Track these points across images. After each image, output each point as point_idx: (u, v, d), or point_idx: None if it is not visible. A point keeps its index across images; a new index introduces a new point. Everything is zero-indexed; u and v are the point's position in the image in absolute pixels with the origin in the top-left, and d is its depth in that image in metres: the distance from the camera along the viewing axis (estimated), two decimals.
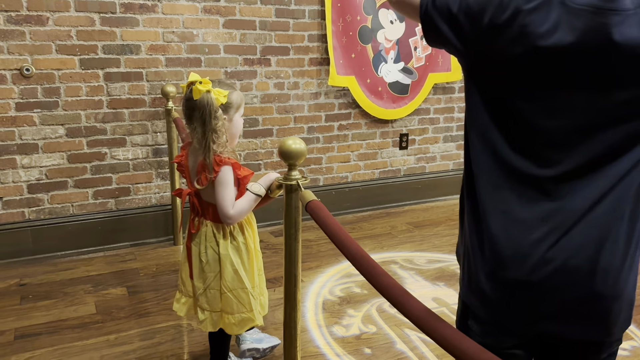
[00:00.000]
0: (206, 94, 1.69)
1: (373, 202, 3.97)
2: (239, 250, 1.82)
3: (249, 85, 3.41)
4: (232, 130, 1.79)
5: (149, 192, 3.29)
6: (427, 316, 1.05)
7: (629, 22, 0.96)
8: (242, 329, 1.87)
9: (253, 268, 1.86)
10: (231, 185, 1.76)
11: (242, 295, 1.83)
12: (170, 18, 3.12)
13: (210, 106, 1.68)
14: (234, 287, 1.81)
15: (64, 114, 2.98)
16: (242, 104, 1.82)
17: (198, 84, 1.69)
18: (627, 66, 0.97)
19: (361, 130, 3.85)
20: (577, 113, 1.02)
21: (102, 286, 2.74)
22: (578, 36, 0.97)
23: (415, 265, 3.04)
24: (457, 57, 1.16)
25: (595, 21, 0.96)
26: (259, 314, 1.89)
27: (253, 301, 1.84)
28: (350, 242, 1.32)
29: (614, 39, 0.96)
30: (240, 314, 1.84)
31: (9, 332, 2.32)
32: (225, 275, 1.80)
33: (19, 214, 3.00)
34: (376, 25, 3.63)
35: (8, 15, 2.77)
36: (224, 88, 1.74)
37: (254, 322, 1.86)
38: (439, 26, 1.12)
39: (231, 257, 1.80)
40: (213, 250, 1.80)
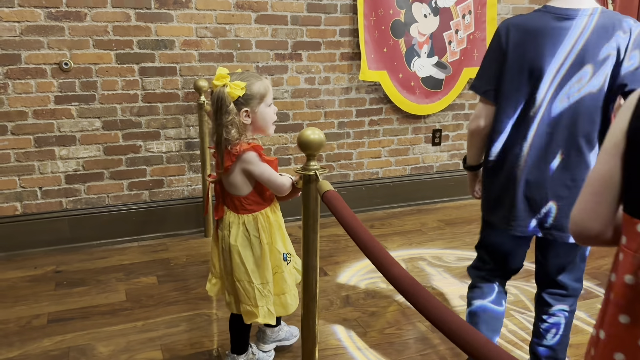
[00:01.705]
0: (221, 89, 1.68)
1: (404, 198, 3.94)
2: (251, 243, 1.81)
3: (280, 80, 3.43)
4: (260, 121, 1.76)
5: (181, 185, 3.36)
6: (435, 307, 1.03)
7: None
8: (248, 320, 1.86)
9: (266, 264, 1.82)
10: (262, 163, 1.76)
11: (248, 288, 1.82)
12: (204, 14, 3.17)
13: (221, 101, 1.67)
14: (240, 278, 1.82)
15: (101, 107, 3.08)
16: (268, 93, 1.76)
17: (216, 78, 1.69)
18: None
19: (392, 125, 3.82)
20: None
21: (133, 275, 2.81)
22: None
23: (444, 263, 2.99)
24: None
25: None
26: (267, 313, 1.84)
27: (260, 297, 1.82)
28: (364, 232, 1.32)
29: None
30: (245, 305, 1.84)
31: (43, 316, 2.41)
32: (233, 264, 1.82)
33: (57, 204, 3.11)
34: (409, 19, 3.59)
35: (49, 12, 2.87)
36: (244, 79, 1.70)
37: (256, 317, 1.83)
38: None
39: (238, 248, 1.80)
40: (228, 238, 1.83)
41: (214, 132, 1.74)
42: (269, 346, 2.10)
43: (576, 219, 1.03)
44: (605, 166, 0.99)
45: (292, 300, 1.91)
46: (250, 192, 1.81)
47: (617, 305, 0.98)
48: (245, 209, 1.81)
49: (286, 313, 1.91)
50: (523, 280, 2.73)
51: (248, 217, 1.81)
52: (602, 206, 1.00)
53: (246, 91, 1.70)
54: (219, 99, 1.67)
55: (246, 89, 1.70)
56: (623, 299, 0.97)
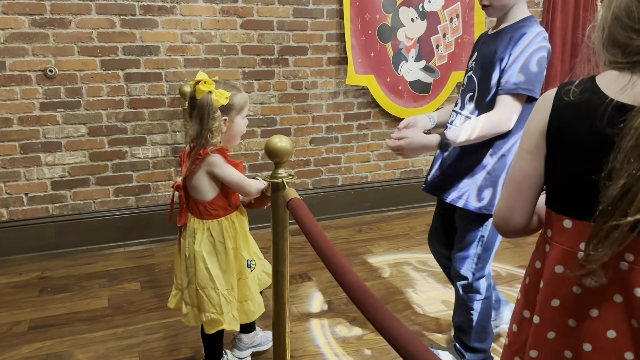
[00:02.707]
0: (207, 95, 1.72)
1: (393, 202, 3.93)
2: (216, 249, 1.82)
3: (267, 85, 3.43)
4: (233, 131, 1.82)
5: (168, 190, 3.36)
6: (383, 316, 1.03)
7: None
8: (212, 329, 1.84)
9: (231, 270, 1.82)
10: (228, 165, 1.78)
11: (213, 295, 1.81)
12: (189, 19, 3.17)
13: (209, 107, 1.72)
14: (205, 285, 1.81)
15: (86, 113, 3.09)
16: (246, 106, 1.84)
17: (202, 83, 1.72)
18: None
19: (381, 129, 3.81)
20: None
21: (117, 281, 2.82)
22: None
23: (428, 267, 2.98)
24: None
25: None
26: (232, 319, 1.84)
27: (225, 304, 1.81)
28: (324, 240, 1.31)
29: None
30: (210, 314, 1.82)
31: (24, 323, 2.41)
32: (198, 272, 1.81)
33: (43, 210, 3.12)
34: (396, 23, 3.59)
35: (33, 19, 2.88)
36: (228, 90, 1.77)
37: (222, 324, 1.82)
38: None
39: (203, 254, 1.80)
40: (192, 244, 1.82)
41: (199, 135, 1.74)
42: (245, 352, 2.09)
43: (503, 215, 1.11)
44: (530, 166, 1.06)
45: (254, 308, 1.90)
46: (215, 196, 1.81)
47: (548, 292, 1.06)
48: (210, 214, 1.81)
49: (248, 320, 1.90)
50: (507, 285, 2.72)
51: (213, 222, 1.82)
52: (527, 202, 1.08)
53: (229, 101, 1.75)
54: (207, 104, 1.71)
55: (229, 99, 1.75)
56: (553, 286, 1.05)
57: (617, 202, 0.88)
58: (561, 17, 4.03)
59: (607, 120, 0.91)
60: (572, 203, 1.00)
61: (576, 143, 0.97)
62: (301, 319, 2.45)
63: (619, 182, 0.87)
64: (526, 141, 1.06)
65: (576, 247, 1.00)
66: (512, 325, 1.17)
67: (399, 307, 2.57)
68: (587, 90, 0.97)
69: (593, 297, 0.99)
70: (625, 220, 0.87)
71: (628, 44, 0.91)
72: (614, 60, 0.94)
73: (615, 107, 0.91)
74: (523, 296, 1.15)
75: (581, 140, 0.96)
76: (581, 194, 0.98)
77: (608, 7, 0.94)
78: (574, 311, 1.01)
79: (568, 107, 0.98)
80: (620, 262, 0.95)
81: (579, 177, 0.98)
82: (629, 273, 0.94)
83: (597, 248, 0.92)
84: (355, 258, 3.12)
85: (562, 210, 1.03)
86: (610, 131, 0.90)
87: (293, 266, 2.99)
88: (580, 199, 0.99)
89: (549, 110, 1.01)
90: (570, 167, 0.99)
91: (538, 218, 1.12)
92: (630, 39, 0.91)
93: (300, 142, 3.60)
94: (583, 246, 0.97)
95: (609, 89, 0.94)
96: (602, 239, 0.91)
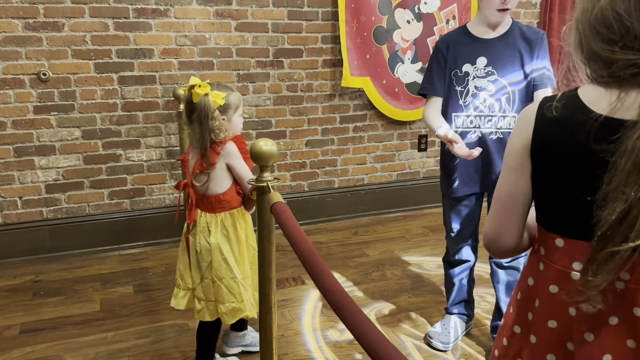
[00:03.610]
0: (204, 97, 1.80)
1: (390, 204, 3.91)
2: (229, 239, 1.88)
3: (262, 88, 3.42)
4: (232, 129, 1.89)
5: (163, 193, 3.35)
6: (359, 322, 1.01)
7: None
8: (234, 318, 1.90)
9: (244, 259, 1.90)
10: (241, 159, 1.87)
11: (232, 285, 1.87)
12: (183, 22, 3.17)
13: (207, 108, 1.79)
14: (223, 276, 1.86)
15: (80, 116, 3.08)
16: (241, 104, 1.92)
17: (197, 87, 1.79)
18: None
19: (377, 131, 3.80)
20: None
21: (110, 284, 2.81)
22: None
23: (423, 270, 2.96)
24: None
25: None
26: (251, 306, 1.91)
27: (244, 291, 1.88)
28: (305, 244, 1.30)
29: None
30: (230, 304, 1.88)
31: (16, 327, 2.41)
32: (215, 264, 1.87)
33: (37, 213, 3.12)
34: (392, 25, 3.57)
35: (26, 22, 2.89)
36: (222, 90, 1.85)
37: (244, 312, 1.89)
38: None
39: (220, 246, 1.86)
40: (205, 240, 1.88)
41: (200, 137, 1.82)
42: (233, 350, 2.12)
43: (492, 236, 1.06)
44: (514, 184, 1.01)
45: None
46: (229, 187, 1.88)
47: (545, 313, 1.02)
48: (222, 207, 1.88)
49: (257, 309, 1.92)
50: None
51: (225, 214, 1.88)
52: (516, 222, 1.03)
53: (225, 101, 1.83)
54: (205, 106, 1.79)
55: (225, 99, 1.83)
56: (549, 307, 1.01)
57: (616, 227, 0.83)
58: (558, 18, 4.01)
59: (595, 136, 0.86)
60: (563, 222, 0.97)
61: (561, 160, 0.93)
62: (293, 323, 2.44)
63: (617, 206, 0.82)
64: (510, 158, 1.01)
65: (569, 267, 0.96)
66: (503, 338, 1.14)
67: (393, 310, 2.55)
68: (569, 105, 0.92)
69: (588, 320, 0.95)
70: (626, 245, 0.83)
71: (611, 59, 0.84)
72: (598, 75, 0.88)
73: (603, 123, 0.86)
74: (515, 311, 1.11)
75: (566, 157, 0.92)
76: (572, 214, 0.94)
77: (583, 13, 0.87)
78: (571, 334, 0.98)
79: (551, 123, 0.93)
80: (616, 282, 0.91)
81: (567, 196, 0.94)
82: (626, 292, 0.91)
83: (597, 274, 0.87)
84: (350, 261, 3.11)
85: (553, 229, 0.99)
86: (598, 148, 0.85)
87: (286, 269, 2.98)
88: (571, 218, 0.95)
89: (531, 126, 0.96)
90: (556, 185, 0.95)
91: (528, 235, 1.08)
92: (614, 53, 0.83)
93: (295, 144, 3.59)
94: (576, 266, 0.95)
95: (595, 104, 0.89)
96: (602, 264, 0.86)
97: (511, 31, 1.99)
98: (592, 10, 0.85)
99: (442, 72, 2.06)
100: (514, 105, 2.00)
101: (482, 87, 2.00)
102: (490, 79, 1.99)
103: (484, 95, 2.00)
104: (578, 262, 0.95)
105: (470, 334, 2.34)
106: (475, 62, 2.00)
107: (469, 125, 2.04)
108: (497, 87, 1.99)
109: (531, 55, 1.97)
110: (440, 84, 2.07)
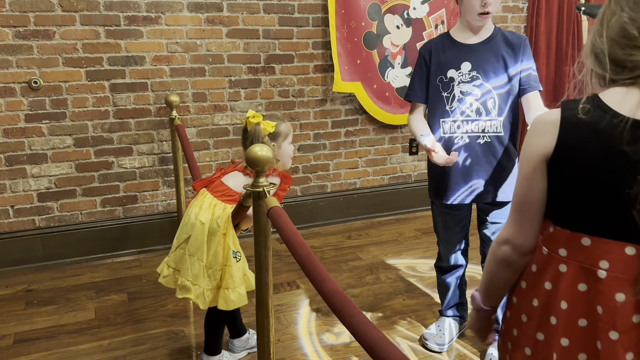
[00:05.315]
0: (256, 125, 1.97)
1: (383, 208, 3.94)
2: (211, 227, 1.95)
3: (254, 94, 3.43)
4: (283, 154, 2.07)
5: (155, 200, 3.35)
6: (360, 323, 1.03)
7: None
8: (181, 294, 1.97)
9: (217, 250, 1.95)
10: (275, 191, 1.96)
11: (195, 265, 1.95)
12: (174, 29, 3.18)
13: (258, 133, 1.97)
14: (193, 254, 1.97)
15: (72, 124, 3.08)
16: (290, 133, 2.09)
17: (251, 117, 1.98)
18: None
19: (369, 136, 3.82)
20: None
21: (104, 292, 2.80)
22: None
23: (417, 273, 2.99)
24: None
25: None
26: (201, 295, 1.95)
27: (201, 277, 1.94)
28: (303, 247, 1.31)
29: None
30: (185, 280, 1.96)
31: (9, 337, 2.39)
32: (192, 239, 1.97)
33: (29, 222, 3.10)
34: (382, 30, 3.61)
35: (17, 31, 2.88)
36: (273, 120, 2.03)
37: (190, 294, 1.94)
38: None
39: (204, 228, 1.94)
40: (195, 215, 1.97)
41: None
42: (239, 355, 2.20)
43: (513, 242, 1.12)
44: (529, 192, 1.07)
45: (235, 298, 1.95)
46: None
47: (575, 312, 1.03)
48: (227, 200, 1.97)
49: (226, 308, 1.95)
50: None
51: (221, 205, 1.95)
52: (535, 226, 1.09)
53: (275, 129, 2.00)
54: (256, 132, 1.97)
55: (275, 127, 1.99)
56: (580, 306, 1.02)
57: None
58: (545, 22, 4.07)
59: (627, 138, 0.92)
60: (591, 221, 0.99)
61: (590, 162, 0.97)
62: (289, 327, 2.45)
63: None
64: (524, 167, 1.06)
65: (596, 265, 0.99)
66: (525, 348, 1.12)
67: (388, 313, 2.57)
68: (595, 109, 0.97)
69: (613, 318, 0.98)
70: None
71: (631, 61, 0.94)
72: (618, 77, 0.96)
73: (633, 125, 0.92)
74: (536, 319, 1.10)
75: (596, 158, 0.96)
76: (602, 213, 0.98)
77: (599, 35, 0.98)
78: (598, 333, 1.00)
79: (579, 126, 0.98)
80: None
81: (598, 197, 0.97)
82: None
83: None
84: (344, 265, 3.12)
85: (579, 229, 1.01)
86: (630, 149, 0.91)
87: (281, 274, 2.98)
88: (600, 217, 0.98)
89: (555, 132, 1.00)
90: (586, 187, 0.99)
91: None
92: (632, 56, 0.94)
93: None
94: (603, 264, 0.98)
95: (620, 107, 0.95)
96: None
97: (494, 36, 2.03)
98: (607, 28, 0.97)
99: (425, 79, 2.09)
100: (499, 109, 2.03)
101: (467, 92, 2.02)
102: (476, 83, 2.01)
103: (470, 100, 2.02)
104: (605, 260, 0.97)
105: (465, 335, 2.36)
106: (460, 68, 2.02)
107: (456, 131, 2.06)
108: (483, 91, 2.02)
109: (515, 59, 2.00)
110: (422, 90, 2.10)
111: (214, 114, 3.37)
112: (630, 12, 0.94)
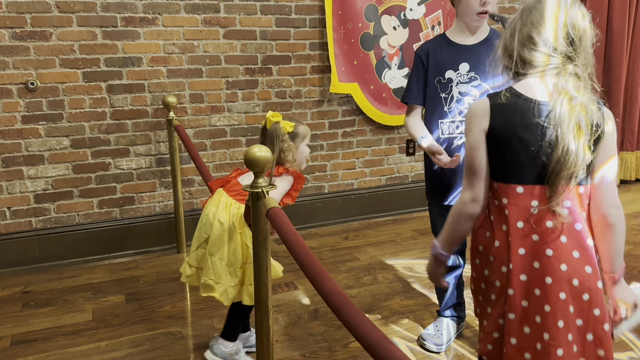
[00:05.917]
0: (276, 124, 2.03)
1: (380, 209, 3.94)
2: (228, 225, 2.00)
3: (251, 95, 3.44)
4: (299, 155, 2.12)
5: (152, 201, 3.35)
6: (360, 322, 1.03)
7: None
8: (206, 292, 2.00)
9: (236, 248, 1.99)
10: (281, 191, 2.06)
11: (217, 264, 1.99)
12: (171, 30, 3.18)
13: (278, 131, 2.03)
14: (214, 253, 2.00)
15: (68, 125, 3.07)
16: (308, 135, 2.14)
17: (270, 116, 2.04)
18: None
19: (366, 137, 3.83)
20: None
21: (101, 294, 2.79)
22: None
23: (414, 273, 2.99)
24: None
25: None
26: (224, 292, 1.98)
27: (224, 275, 1.98)
28: (302, 247, 1.32)
29: None
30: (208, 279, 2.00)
31: (6, 338, 2.38)
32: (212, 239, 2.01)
33: (26, 223, 3.09)
34: (378, 31, 3.61)
35: (13, 32, 2.87)
36: (292, 121, 2.09)
37: (214, 292, 1.98)
38: None
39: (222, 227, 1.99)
40: (213, 214, 2.01)
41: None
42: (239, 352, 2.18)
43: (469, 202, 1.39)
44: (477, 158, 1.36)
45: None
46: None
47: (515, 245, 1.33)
48: (241, 198, 2.00)
49: (252, 303, 1.96)
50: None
51: (236, 204, 2.00)
52: (486, 185, 1.38)
53: (293, 130, 2.06)
54: (276, 130, 2.03)
55: (293, 128, 2.06)
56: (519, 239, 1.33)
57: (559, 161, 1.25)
58: None
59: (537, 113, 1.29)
60: (521, 174, 1.32)
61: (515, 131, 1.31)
62: (287, 328, 2.45)
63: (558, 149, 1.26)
64: (470, 141, 1.38)
65: (529, 205, 1.32)
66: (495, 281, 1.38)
67: (385, 313, 2.57)
68: (512, 96, 1.33)
69: (546, 241, 1.30)
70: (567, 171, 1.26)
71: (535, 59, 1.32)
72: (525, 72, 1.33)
73: (538, 104, 1.29)
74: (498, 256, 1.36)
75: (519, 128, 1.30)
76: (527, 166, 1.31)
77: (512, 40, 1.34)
78: (535, 254, 1.31)
79: (503, 108, 1.33)
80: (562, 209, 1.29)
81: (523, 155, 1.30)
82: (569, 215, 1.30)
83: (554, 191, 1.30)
84: (341, 265, 3.12)
85: (513, 181, 1.33)
86: (539, 120, 1.28)
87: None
88: (526, 169, 1.31)
89: (488, 113, 1.34)
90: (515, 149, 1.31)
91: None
92: (534, 56, 1.31)
93: None
94: (534, 203, 1.31)
95: (528, 93, 1.32)
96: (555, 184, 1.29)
97: (490, 37, 2.05)
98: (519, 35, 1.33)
99: (422, 80, 2.10)
100: None
101: (466, 93, 2.03)
102: (474, 84, 2.02)
103: (468, 100, 2.03)
104: (535, 199, 1.31)
105: (463, 335, 2.36)
106: (458, 68, 2.03)
107: (454, 131, 2.07)
108: (481, 91, 2.02)
109: None
110: (419, 92, 2.11)
111: (211, 115, 3.36)
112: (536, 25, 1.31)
